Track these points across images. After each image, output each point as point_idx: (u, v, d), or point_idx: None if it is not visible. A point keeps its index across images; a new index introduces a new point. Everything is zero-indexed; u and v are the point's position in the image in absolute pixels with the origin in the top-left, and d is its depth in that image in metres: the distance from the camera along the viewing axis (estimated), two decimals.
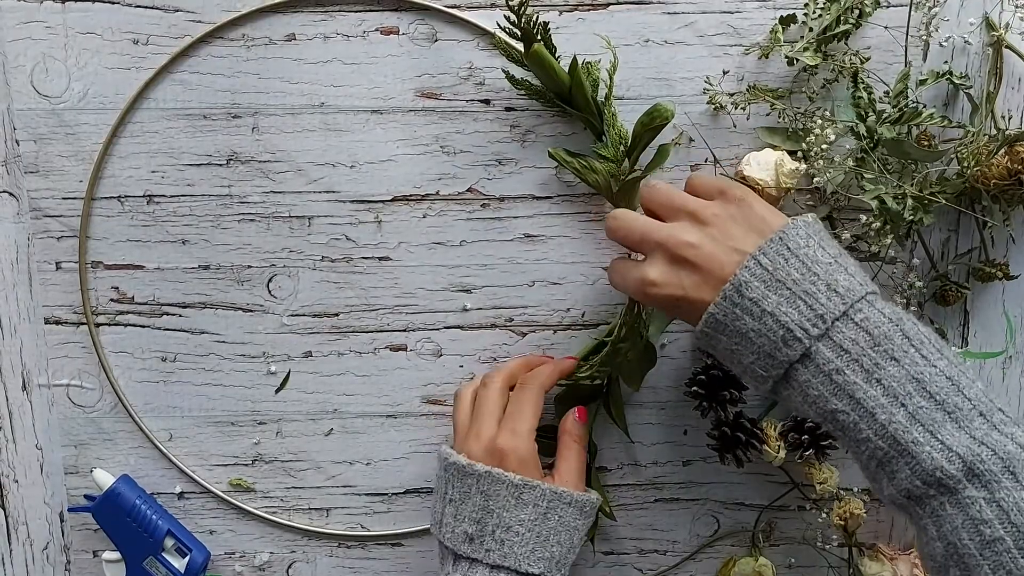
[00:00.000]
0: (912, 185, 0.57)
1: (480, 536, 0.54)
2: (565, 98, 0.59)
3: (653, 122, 0.58)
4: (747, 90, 0.60)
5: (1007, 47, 0.59)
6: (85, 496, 0.65)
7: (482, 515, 0.54)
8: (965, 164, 0.57)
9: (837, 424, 0.46)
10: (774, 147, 0.60)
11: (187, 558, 0.64)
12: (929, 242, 0.62)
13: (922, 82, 0.58)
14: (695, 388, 0.61)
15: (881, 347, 0.45)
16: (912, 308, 0.62)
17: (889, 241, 0.57)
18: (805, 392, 0.47)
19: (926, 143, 0.59)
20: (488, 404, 0.57)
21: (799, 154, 0.59)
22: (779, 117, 0.60)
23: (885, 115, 0.57)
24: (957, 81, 0.58)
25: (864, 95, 0.57)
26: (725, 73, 0.60)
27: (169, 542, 0.64)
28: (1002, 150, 0.57)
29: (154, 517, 0.63)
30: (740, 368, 0.50)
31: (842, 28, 0.58)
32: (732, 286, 0.47)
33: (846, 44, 0.59)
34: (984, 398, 0.45)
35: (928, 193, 0.57)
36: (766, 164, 0.58)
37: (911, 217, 0.56)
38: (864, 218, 0.57)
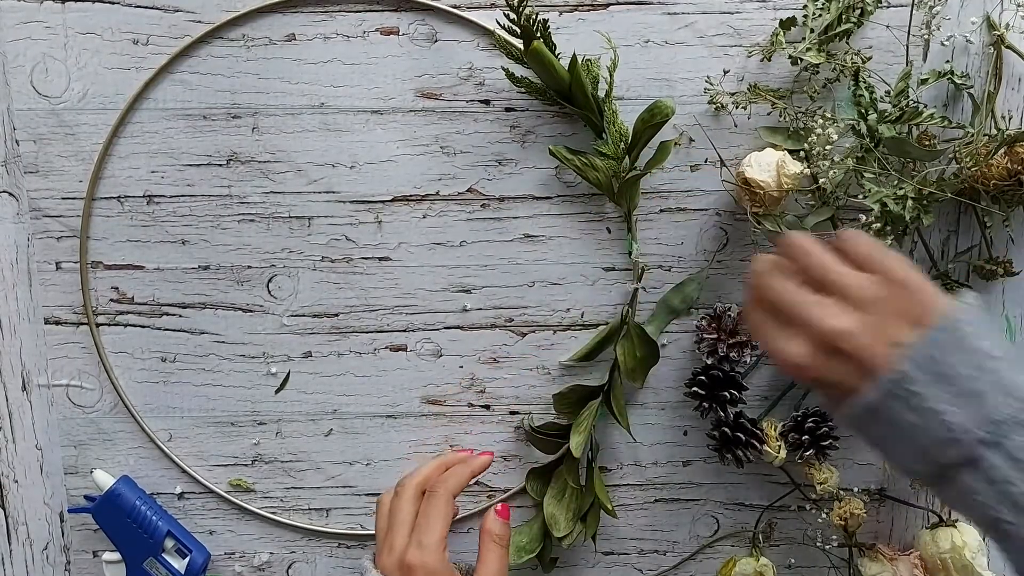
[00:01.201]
0: (912, 185, 0.57)
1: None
2: (565, 96, 0.59)
3: (654, 119, 0.58)
4: (748, 89, 0.60)
5: (1007, 47, 0.59)
6: (85, 497, 0.65)
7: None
8: (964, 164, 0.57)
9: (999, 533, 0.42)
10: (775, 146, 0.60)
11: (187, 559, 0.64)
12: (929, 241, 0.62)
13: (923, 81, 0.58)
14: (695, 388, 0.61)
15: None
16: None
17: (889, 241, 0.57)
18: (966, 499, 0.43)
19: (927, 142, 0.59)
20: (400, 514, 0.57)
21: (801, 153, 0.59)
22: (780, 116, 0.60)
23: (886, 114, 0.57)
24: (958, 81, 0.58)
25: (865, 94, 0.57)
26: (726, 73, 0.60)
27: (169, 543, 0.64)
28: (1002, 150, 0.57)
29: (154, 518, 0.63)
30: (892, 459, 0.46)
31: (844, 27, 0.58)
32: (892, 379, 0.42)
33: (847, 44, 0.59)
34: None
35: (928, 193, 0.57)
36: (767, 165, 0.58)
37: (911, 216, 0.56)
38: (864, 218, 0.57)
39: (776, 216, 0.59)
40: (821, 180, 0.58)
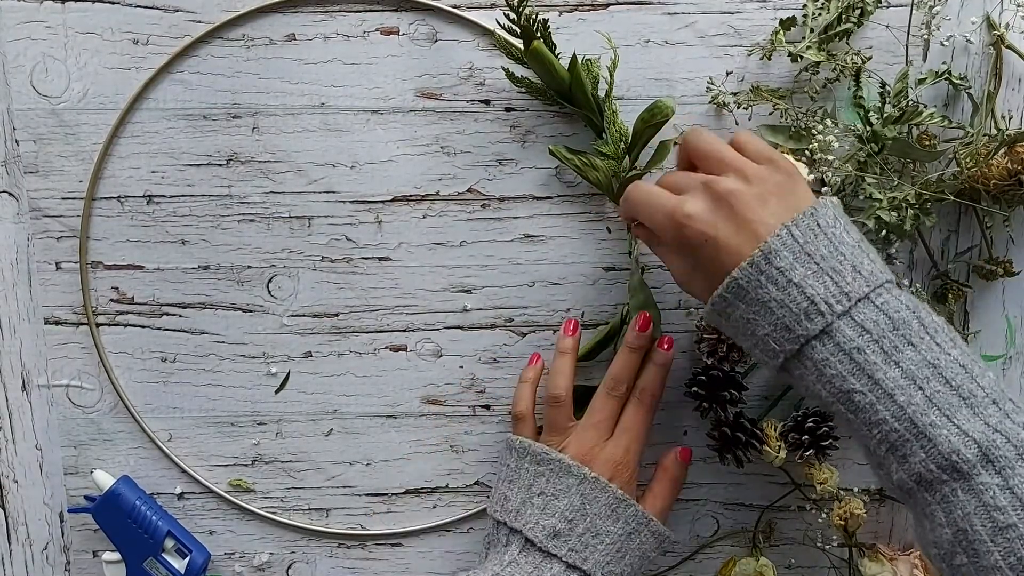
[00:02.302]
0: (913, 186, 0.57)
1: (567, 534, 0.56)
2: (565, 95, 0.59)
3: (654, 118, 0.58)
4: (750, 90, 0.60)
5: (1008, 47, 0.59)
6: (85, 497, 0.65)
7: (575, 516, 0.56)
8: (964, 165, 0.57)
9: (852, 405, 0.46)
10: (777, 146, 0.60)
11: (187, 559, 0.64)
12: (929, 241, 0.62)
13: (921, 81, 0.58)
14: (695, 388, 0.61)
15: (899, 331, 0.45)
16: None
17: (895, 250, 0.58)
18: (821, 370, 0.46)
19: (927, 142, 0.59)
20: (604, 412, 0.60)
21: (802, 155, 0.59)
22: (782, 116, 0.60)
23: (886, 114, 0.57)
24: (956, 81, 0.58)
25: (866, 96, 0.57)
26: (728, 74, 0.60)
27: (169, 543, 0.64)
28: (1002, 150, 0.57)
29: (154, 518, 0.63)
30: (752, 341, 0.49)
31: (844, 26, 0.58)
32: (761, 252, 0.47)
33: (847, 44, 0.59)
34: (996, 387, 0.45)
35: (929, 193, 0.57)
36: None
37: (911, 225, 0.57)
38: (869, 223, 0.57)
39: None
40: (831, 181, 0.58)
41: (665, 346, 0.61)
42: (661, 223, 0.51)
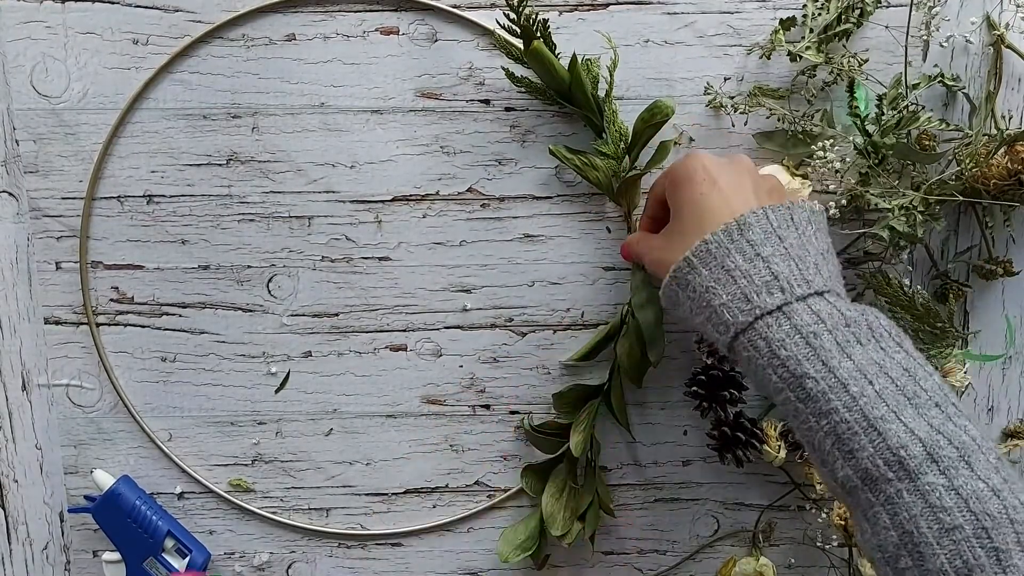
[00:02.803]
0: (917, 191, 0.57)
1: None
2: (565, 95, 0.59)
3: (654, 118, 0.58)
4: (749, 95, 0.59)
5: (1008, 46, 0.59)
6: (85, 497, 0.65)
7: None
8: (964, 165, 0.57)
9: (802, 392, 0.45)
10: (772, 151, 0.60)
11: (187, 559, 0.64)
12: (929, 241, 0.62)
13: (915, 86, 0.58)
14: (695, 388, 0.61)
15: (850, 328, 0.46)
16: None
17: (906, 256, 0.59)
18: (774, 351, 0.46)
19: (927, 143, 0.59)
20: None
21: (802, 162, 0.59)
22: (778, 120, 0.60)
23: (884, 123, 0.57)
24: (949, 83, 0.58)
25: (862, 104, 0.57)
26: (726, 80, 0.60)
27: (169, 543, 0.64)
28: (1002, 150, 0.57)
29: (154, 518, 0.63)
30: (705, 314, 0.49)
31: (843, 27, 0.58)
32: (736, 223, 0.48)
33: (844, 46, 0.59)
34: (939, 390, 0.45)
35: (933, 195, 0.57)
36: None
37: (923, 232, 0.57)
38: (883, 234, 0.57)
39: None
40: (830, 211, 0.57)
41: None
42: (674, 172, 0.53)
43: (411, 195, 0.63)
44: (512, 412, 0.66)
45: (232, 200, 0.63)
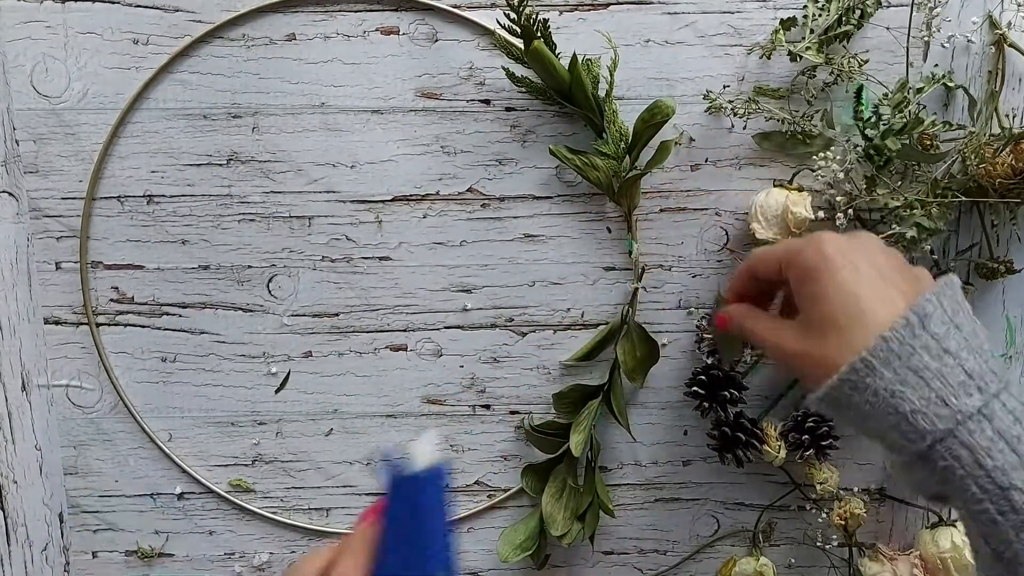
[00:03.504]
0: (933, 200, 0.57)
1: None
2: (565, 95, 0.59)
3: (654, 118, 0.58)
4: (748, 100, 0.59)
5: (1010, 45, 0.59)
6: (384, 458, 0.54)
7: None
8: (969, 162, 0.57)
9: (1007, 503, 0.39)
10: (772, 152, 0.60)
11: None
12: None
13: (919, 90, 0.58)
14: (695, 388, 0.61)
15: None
16: None
17: (929, 248, 0.58)
18: (979, 459, 0.40)
19: (928, 142, 0.59)
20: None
21: (797, 182, 0.59)
22: (779, 123, 0.60)
23: (886, 125, 0.56)
24: (950, 85, 0.58)
25: (864, 111, 0.57)
26: (726, 88, 0.60)
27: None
28: (1007, 148, 0.57)
29: (439, 536, 0.42)
30: (889, 421, 0.42)
31: (844, 28, 0.58)
32: (916, 315, 0.41)
33: (844, 47, 0.59)
34: None
35: (939, 192, 0.57)
36: (773, 217, 0.58)
37: (944, 225, 0.57)
38: (911, 232, 0.57)
39: None
40: (839, 222, 0.58)
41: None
42: (803, 258, 0.45)
43: (411, 195, 0.63)
44: (512, 412, 0.66)
45: (232, 200, 0.63)
